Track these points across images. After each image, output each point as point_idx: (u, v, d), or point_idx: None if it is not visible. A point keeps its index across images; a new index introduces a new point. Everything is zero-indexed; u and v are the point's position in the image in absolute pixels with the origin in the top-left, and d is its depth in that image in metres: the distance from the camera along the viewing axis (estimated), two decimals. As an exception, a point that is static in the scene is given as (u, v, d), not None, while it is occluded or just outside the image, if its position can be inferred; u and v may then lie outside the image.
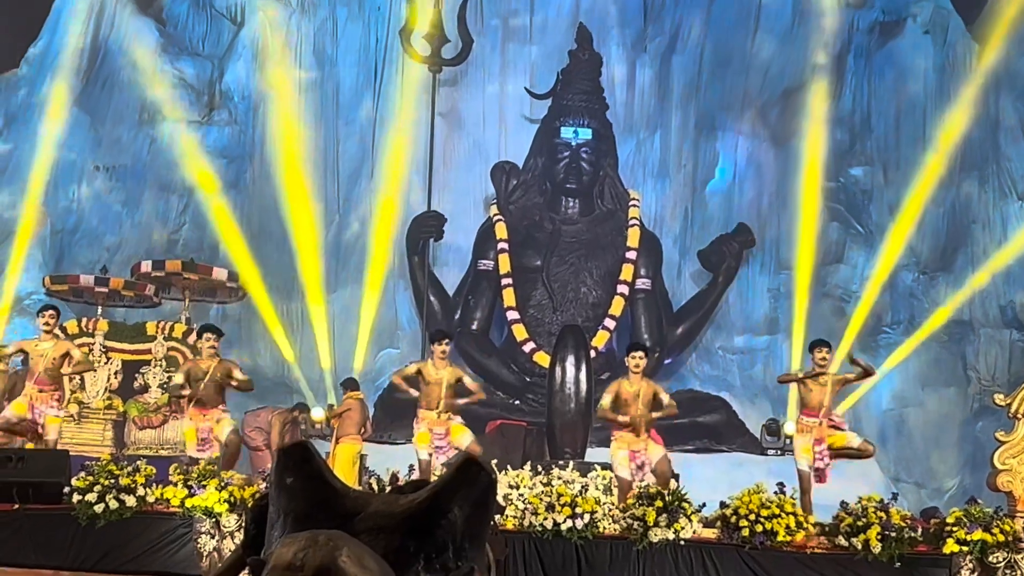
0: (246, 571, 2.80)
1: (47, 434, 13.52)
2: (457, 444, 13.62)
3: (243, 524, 3.08)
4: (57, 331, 14.40)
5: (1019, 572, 11.29)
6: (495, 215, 24.00)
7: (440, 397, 13.69)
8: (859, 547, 11.42)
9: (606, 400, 13.19)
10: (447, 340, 14.20)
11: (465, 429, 13.81)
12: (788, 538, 11.52)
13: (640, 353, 13.45)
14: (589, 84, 24.34)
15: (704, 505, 11.95)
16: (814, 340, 14.22)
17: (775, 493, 11.93)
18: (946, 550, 11.44)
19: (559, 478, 12.20)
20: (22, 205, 23.55)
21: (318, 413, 20.81)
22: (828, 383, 13.32)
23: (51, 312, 13.86)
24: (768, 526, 11.45)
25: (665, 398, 13.23)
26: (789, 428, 21.20)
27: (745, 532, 11.47)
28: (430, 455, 13.69)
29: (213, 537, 11.66)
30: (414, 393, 13.90)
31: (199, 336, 14.52)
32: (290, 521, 2.71)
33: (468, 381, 14.38)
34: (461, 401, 13.97)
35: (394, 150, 25.15)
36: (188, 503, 11.82)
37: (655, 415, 13.11)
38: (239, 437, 14.02)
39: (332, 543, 2.46)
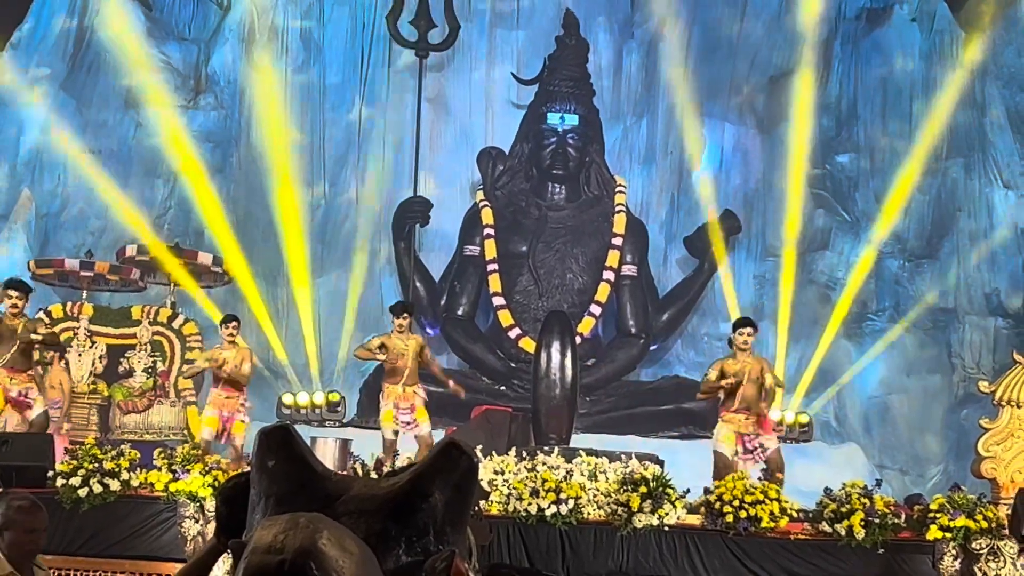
0: (225, 555, 2.79)
1: (234, 440, 13.54)
2: (422, 425, 13.94)
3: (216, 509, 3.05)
4: (238, 339, 14.06)
5: (1002, 558, 11.33)
6: (481, 201, 23.96)
7: (407, 367, 13.95)
8: (842, 533, 11.45)
9: (712, 374, 13.02)
10: (405, 314, 14.41)
11: (426, 413, 14.11)
12: (772, 524, 11.54)
13: (748, 329, 13.12)
14: (576, 70, 24.27)
15: (688, 491, 11.97)
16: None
17: (759, 479, 11.96)
18: (929, 536, 11.46)
19: (544, 464, 12.19)
20: (7, 189, 23.49)
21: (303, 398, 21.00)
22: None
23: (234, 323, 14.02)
24: (752, 512, 11.48)
25: (769, 378, 12.77)
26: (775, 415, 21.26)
27: (729, 518, 11.48)
28: (395, 433, 13.92)
29: (197, 521, 11.66)
30: (381, 357, 14.13)
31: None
32: (271, 504, 2.70)
33: (429, 354, 14.53)
34: (433, 388, 14.33)
35: (380, 135, 25.08)
36: (172, 487, 11.83)
37: (762, 405, 12.90)
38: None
39: (312, 525, 2.44)
